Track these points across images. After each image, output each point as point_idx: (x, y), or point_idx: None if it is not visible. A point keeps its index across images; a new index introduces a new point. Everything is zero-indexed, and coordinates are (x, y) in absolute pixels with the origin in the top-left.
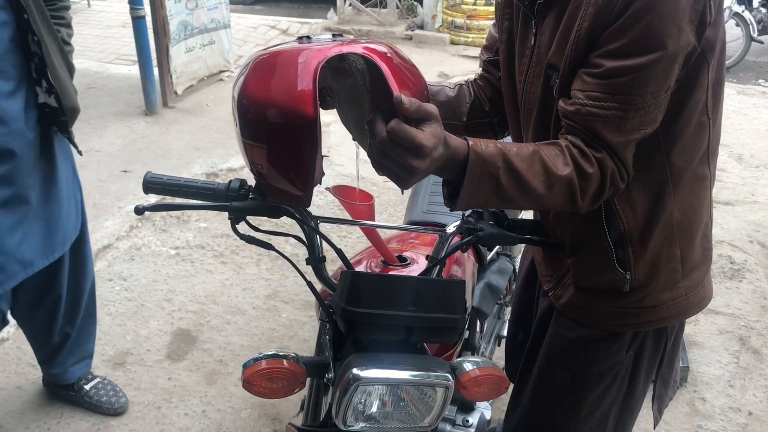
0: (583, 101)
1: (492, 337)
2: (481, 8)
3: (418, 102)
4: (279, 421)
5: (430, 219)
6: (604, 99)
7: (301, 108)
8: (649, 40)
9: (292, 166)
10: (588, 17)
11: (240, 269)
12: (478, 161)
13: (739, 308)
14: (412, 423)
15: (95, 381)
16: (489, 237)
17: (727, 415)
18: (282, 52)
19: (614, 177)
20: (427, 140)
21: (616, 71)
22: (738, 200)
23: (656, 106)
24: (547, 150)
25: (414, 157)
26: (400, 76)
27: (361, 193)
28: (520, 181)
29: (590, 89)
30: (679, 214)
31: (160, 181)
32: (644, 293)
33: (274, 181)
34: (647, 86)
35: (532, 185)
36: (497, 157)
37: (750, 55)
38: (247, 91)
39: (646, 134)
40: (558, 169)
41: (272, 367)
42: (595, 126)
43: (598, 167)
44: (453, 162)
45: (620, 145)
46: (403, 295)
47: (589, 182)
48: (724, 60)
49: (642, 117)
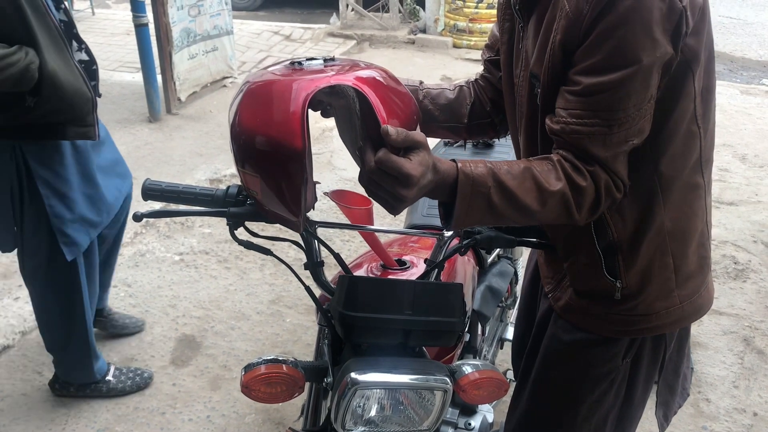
0: (566, 119)
1: (494, 339)
2: (483, 11)
3: (405, 132)
4: (283, 426)
5: (430, 223)
6: (587, 116)
7: (290, 141)
8: (623, 55)
9: (283, 194)
10: (560, 29)
11: (244, 274)
12: (468, 182)
13: (743, 309)
14: (411, 426)
15: (113, 370)
16: (487, 239)
17: (732, 416)
18: (273, 82)
19: (609, 188)
20: (414, 169)
21: (594, 88)
22: (742, 200)
23: (641, 117)
24: (539, 166)
25: (402, 187)
26: (389, 104)
27: (360, 197)
28: (512, 199)
29: (572, 107)
30: (671, 224)
31: (158, 188)
32: (637, 301)
33: (269, 206)
34: (628, 100)
35: (525, 202)
36: (487, 177)
37: (753, 54)
38: (240, 120)
39: (635, 145)
40: (550, 185)
41: (271, 372)
42: (582, 142)
43: (591, 180)
44: (443, 186)
45: (609, 159)
46: (401, 299)
47: (584, 195)
48: (713, 67)
49: (627, 130)
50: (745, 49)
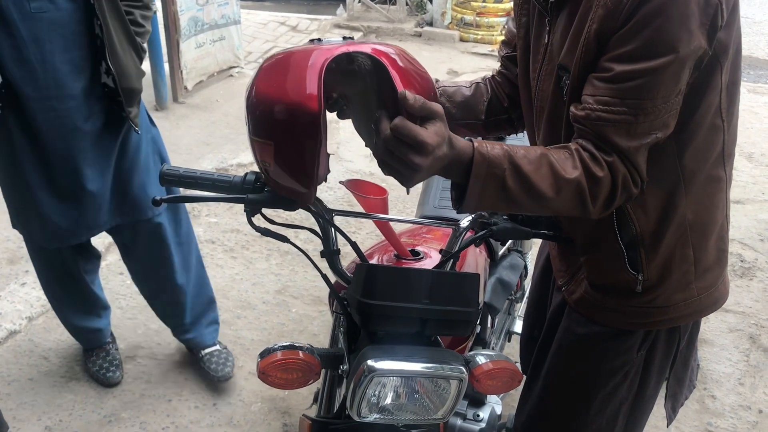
0: (593, 106)
1: (502, 332)
2: (491, 5)
3: (422, 99)
4: (289, 415)
5: (442, 214)
6: (614, 103)
7: (306, 104)
8: (659, 44)
9: (297, 162)
10: (597, 19)
11: (250, 264)
12: (484, 162)
13: (750, 306)
14: (425, 415)
15: (213, 348)
16: (503, 231)
17: (737, 413)
18: (292, 53)
19: (626, 182)
20: (429, 138)
21: (626, 75)
22: (748, 199)
23: (667, 111)
24: (556, 153)
25: (416, 154)
26: (407, 76)
27: (375, 186)
28: (527, 183)
29: (600, 93)
30: (693, 216)
31: (176, 174)
32: (656, 293)
33: (280, 179)
34: (657, 90)
35: (540, 188)
36: (503, 159)
37: (761, 53)
38: (257, 89)
39: (658, 139)
40: (567, 172)
41: (288, 358)
42: (605, 131)
43: (608, 171)
44: (458, 163)
45: (631, 150)
46: (418, 288)
47: (600, 186)
48: (740, 62)
49: (652, 121)
50: (753, 47)
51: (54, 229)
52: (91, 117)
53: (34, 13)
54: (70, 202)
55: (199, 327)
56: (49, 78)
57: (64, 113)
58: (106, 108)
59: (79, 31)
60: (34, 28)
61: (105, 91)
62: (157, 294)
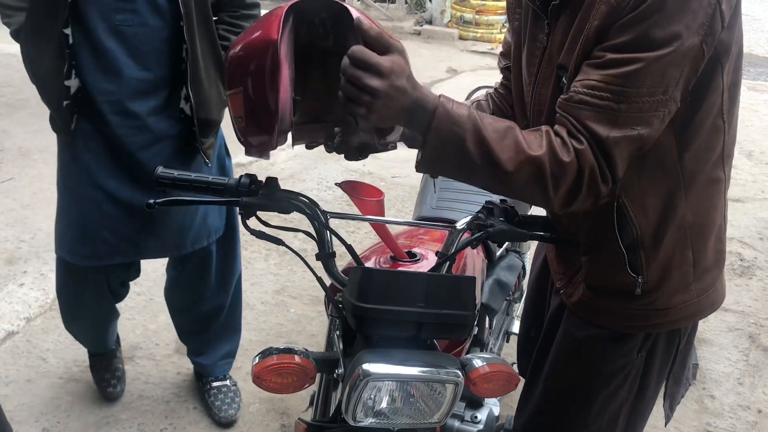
0: (578, 89)
1: (500, 333)
2: (490, 3)
3: (379, 30)
4: (287, 416)
5: (439, 215)
6: (599, 88)
7: (266, 35)
8: (653, 37)
9: (260, 101)
10: (599, 15)
11: (248, 264)
12: (447, 117)
13: (749, 305)
14: (421, 419)
15: (221, 383)
16: (499, 233)
17: (737, 412)
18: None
19: (593, 176)
20: (385, 61)
21: (615, 62)
22: (748, 197)
23: (651, 108)
24: (526, 131)
25: (372, 77)
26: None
27: (371, 188)
28: (487, 150)
29: (587, 77)
30: (692, 217)
31: (170, 176)
32: (655, 296)
33: (249, 133)
34: (644, 81)
35: (500, 158)
36: (467, 120)
37: (761, 50)
38: (230, 48)
39: (641, 137)
40: (530, 149)
41: (282, 362)
42: (584, 114)
43: (575, 159)
44: (421, 110)
45: (609, 141)
46: (414, 292)
47: (563, 172)
48: (741, 63)
49: (635, 114)
50: (753, 45)
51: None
52: (161, 140)
53: (117, 26)
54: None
55: (215, 355)
56: (120, 92)
57: (131, 131)
58: (180, 134)
59: (163, 50)
60: (116, 41)
61: (181, 116)
62: (184, 313)
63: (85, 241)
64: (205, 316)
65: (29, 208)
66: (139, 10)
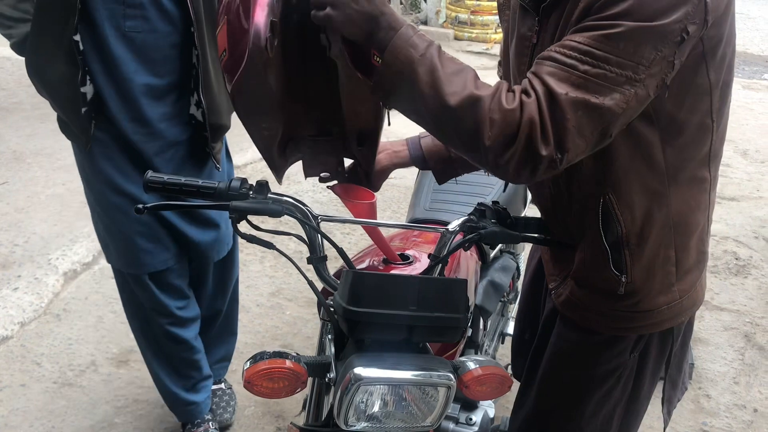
0: (551, 48)
1: (495, 334)
2: (485, 3)
3: None
4: (282, 419)
5: (433, 217)
6: (570, 47)
7: None
8: (635, 12)
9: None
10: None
11: (244, 267)
12: (407, 41)
13: (744, 305)
14: (414, 422)
15: (217, 386)
16: (491, 235)
17: (732, 412)
18: None
19: (533, 131)
20: None
21: (594, 26)
22: (743, 196)
23: (615, 82)
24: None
25: None
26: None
27: (363, 190)
28: (435, 79)
29: (563, 41)
30: (676, 216)
31: (160, 181)
32: (639, 297)
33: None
34: (615, 47)
35: (445, 90)
36: (425, 48)
37: (756, 49)
38: None
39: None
40: (477, 89)
41: (273, 367)
42: (546, 69)
43: (519, 107)
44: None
45: (565, 99)
46: (405, 295)
47: (502, 118)
48: (733, 63)
49: (596, 81)
50: (747, 43)
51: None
52: (173, 146)
53: (127, 32)
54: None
55: (210, 359)
56: (129, 98)
57: (144, 138)
58: (191, 139)
59: (173, 56)
60: (126, 47)
61: (192, 122)
62: None
63: (126, 248)
64: (203, 320)
65: (23, 211)
66: (149, 17)
